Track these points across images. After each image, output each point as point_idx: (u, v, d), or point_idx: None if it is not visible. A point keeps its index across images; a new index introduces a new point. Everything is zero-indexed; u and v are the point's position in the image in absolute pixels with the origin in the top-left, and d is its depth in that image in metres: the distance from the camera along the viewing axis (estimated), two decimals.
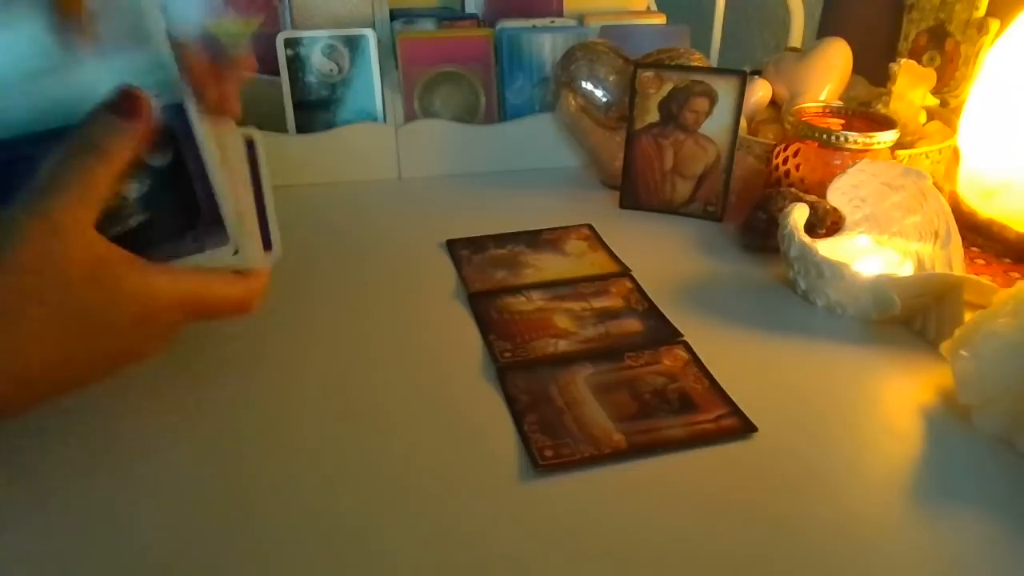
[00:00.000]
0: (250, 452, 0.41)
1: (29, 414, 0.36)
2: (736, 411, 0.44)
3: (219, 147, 0.39)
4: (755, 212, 0.61)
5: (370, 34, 0.76)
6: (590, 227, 0.67)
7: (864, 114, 0.66)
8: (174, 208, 0.38)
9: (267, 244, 0.43)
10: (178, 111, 0.37)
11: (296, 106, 0.77)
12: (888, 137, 0.61)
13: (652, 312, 0.54)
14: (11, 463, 0.40)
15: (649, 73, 0.68)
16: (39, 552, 0.35)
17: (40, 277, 0.33)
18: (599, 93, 0.73)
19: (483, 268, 0.60)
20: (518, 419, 0.43)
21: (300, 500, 0.38)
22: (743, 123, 0.72)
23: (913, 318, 0.52)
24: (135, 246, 0.36)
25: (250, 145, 0.44)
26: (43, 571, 0.34)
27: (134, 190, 0.37)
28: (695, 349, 0.49)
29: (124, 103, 0.35)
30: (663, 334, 0.51)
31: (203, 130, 0.37)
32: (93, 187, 0.34)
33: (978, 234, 0.62)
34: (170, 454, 0.41)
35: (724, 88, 0.66)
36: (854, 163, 0.58)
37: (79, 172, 0.34)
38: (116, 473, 0.39)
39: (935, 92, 0.74)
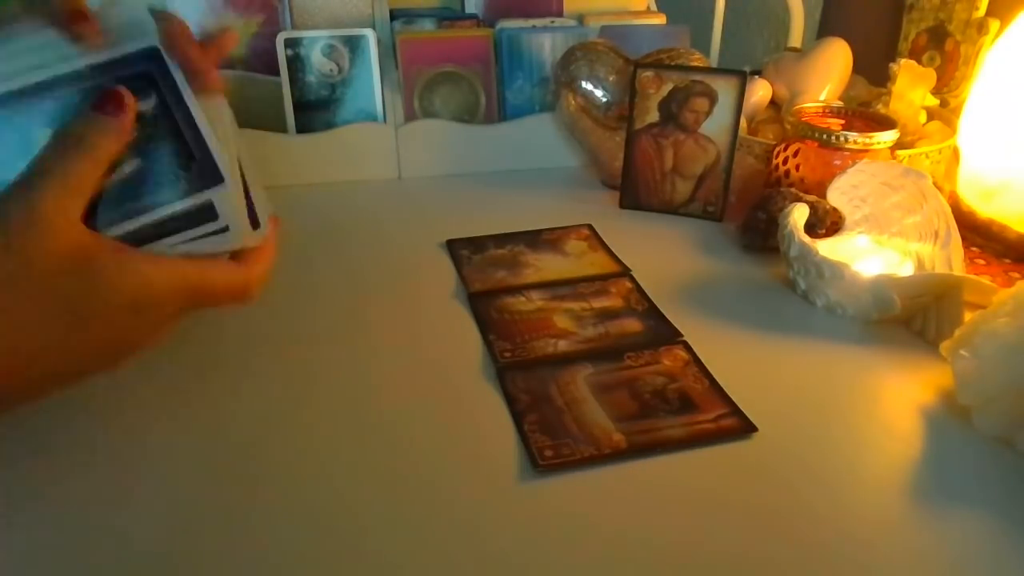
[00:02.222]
0: (249, 452, 0.41)
1: (28, 406, 0.36)
2: (736, 411, 0.44)
3: (208, 120, 0.39)
4: (755, 212, 0.61)
5: (370, 34, 0.76)
6: (590, 227, 0.67)
7: (864, 114, 0.66)
8: (166, 152, 0.38)
9: (254, 222, 0.42)
10: (153, 56, 0.38)
11: (296, 106, 0.77)
12: (888, 137, 0.61)
13: (652, 312, 0.54)
14: (7, 455, 0.40)
15: (649, 73, 0.68)
16: (34, 545, 0.35)
17: (18, 265, 0.33)
18: (599, 93, 0.73)
19: (483, 268, 0.60)
20: (518, 419, 0.43)
21: (299, 499, 0.38)
22: (743, 123, 0.72)
23: (913, 318, 0.52)
24: (132, 192, 0.36)
25: None
26: (39, 565, 0.34)
27: None
28: (695, 349, 0.49)
29: (106, 100, 0.36)
30: (663, 334, 0.51)
31: (182, 76, 0.38)
32: (77, 178, 0.35)
33: (978, 234, 0.62)
34: (170, 458, 0.41)
35: (724, 88, 0.66)
36: (854, 163, 0.58)
37: (63, 163, 0.34)
38: (114, 466, 0.39)
39: (935, 92, 0.74)
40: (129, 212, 0.37)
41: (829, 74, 0.75)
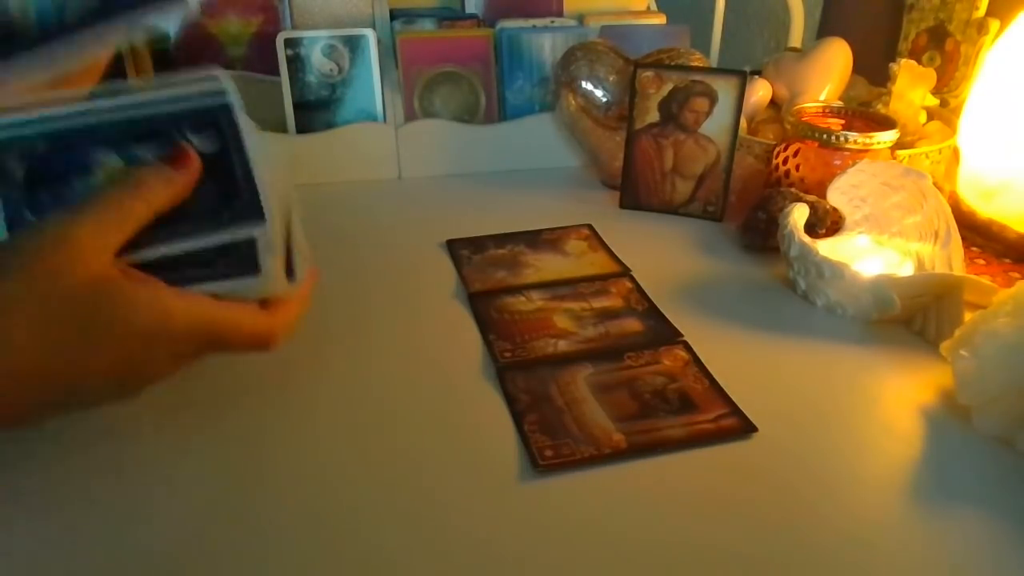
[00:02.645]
0: (247, 449, 0.41)
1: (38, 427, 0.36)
2: (736, 411, 0.44)
3: (261, 162, 0.39)
4: (755, 212, 0.61)
5: (370, 34, 0.76)
6: (590, 227, 0.67)
7: (864, 114, 0.66)
8: (213, 189, 0.38)
9: (289, 271, 0.42)
10: (226, 109, 0.39)
11: (296, 106, 0.77)
12: (888, 137, 0.61)
13: (652, 312, 0.54)
14: (20, 466, 0.40)
15: (649, 73, 0.68)
16: (44, 555, 0.35)
17: (44, 284, 0.33)
18: (599, 93, 0.73)
19: (483, 268, 0.60)
20: (518, 419, 0.43)
21: (298, 499, 0.38)
22: (743, 123, 0.72)
23: (913, 318, 0.52)
24: (170, 220, 0.37)
25: None
26: (40, 570, 0.34)
27: None
28: (695, 349, 0.49)
29: (177, 156, 0.37)
30: (663, 334, 0.51)
31: (248, 126, 0.39)
32: (124, 219, 0.35)
33: (978, 234, 0.62)
34: (169, 454, 0.41)
35: (724, 88, 0.66)
36: (854, 163, 0.58)
37: (115, 202, 0.35)
38: (124, 474, 0.39)
39: (935, 92, 0.74)
40: (163, 237, 0.37)
41: (829, 74, 0.75)
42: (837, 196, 0.58)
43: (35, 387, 0.34)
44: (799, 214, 0.55)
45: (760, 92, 0.76)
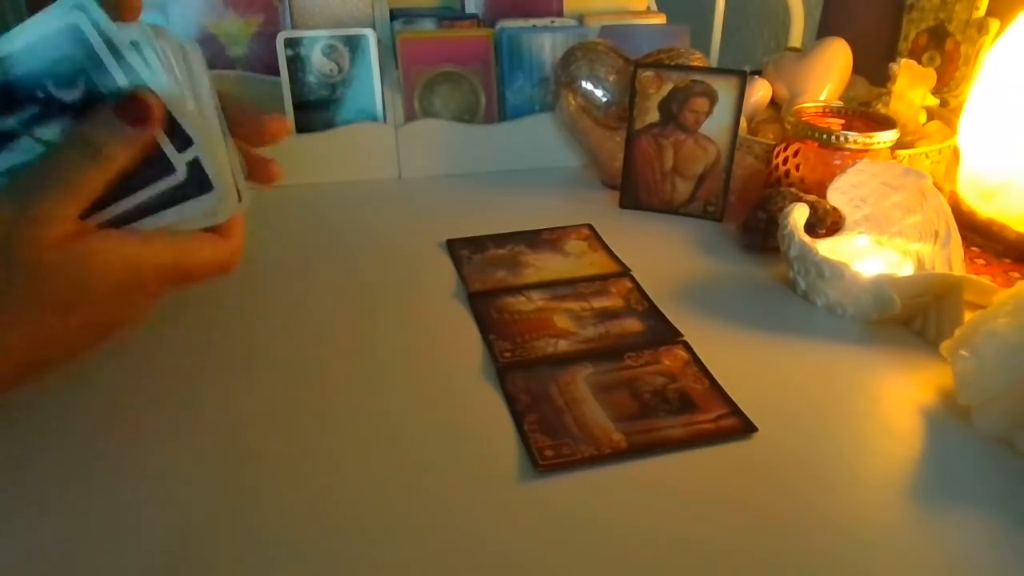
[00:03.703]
0: (248, 450, 0.41)
1: (22, 402, 0.36)
2: (736, 411, 0.44)
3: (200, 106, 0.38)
4: (755, 212, 0.61)
5: (370, 34, 0.76)
6: (590, 227, 0.67)
7: (864, 114, 0.66)
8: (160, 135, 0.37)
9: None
10: (87, 47, 0.35)
11: (296, 106, 0.77)
12: (888, 137, 0.61)
13: (652, 312, 0.54)
14: (8, 458, 0.40)
15: (649, 73, 0.68)
16: (37, 551, 0.35)
17: (9, 266, 0.33)
18: (599, 93, 0.73)
19: (483, 268, 0.60)
20: (518, 419, 0.43)
21: (298, 499, 0.38)
22: (743, 123, 0.72)
23: (913, 318, 0.52)
24: (123, 188, 0.36)
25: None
26: (40, 571, 0.34)
27: None
28: (695, 349, 0.49)
29: (133, 107, 0.34)
30: (663, 334, 0.51)
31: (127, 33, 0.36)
32: (82, 187, 0.34)
33: (978, 234, 0.62)
34: (171, 461, 0.41)
35: (724, 88, 0.66)
36: (854, 163, 0.58)
37: (70, 171, 0.34)
38: (116, 471, 0.39)
39: (935, 92, 0.74)
40: (110, 200, 0.36)
41: (829, 74, 0.75)
42: (837, 196, 0.58)
43: (10, 359, 0.34)
44: (799, 214, 0.55)
45: (760, 92, 0.76)
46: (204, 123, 0.38)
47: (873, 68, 0.77)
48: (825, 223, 0.58)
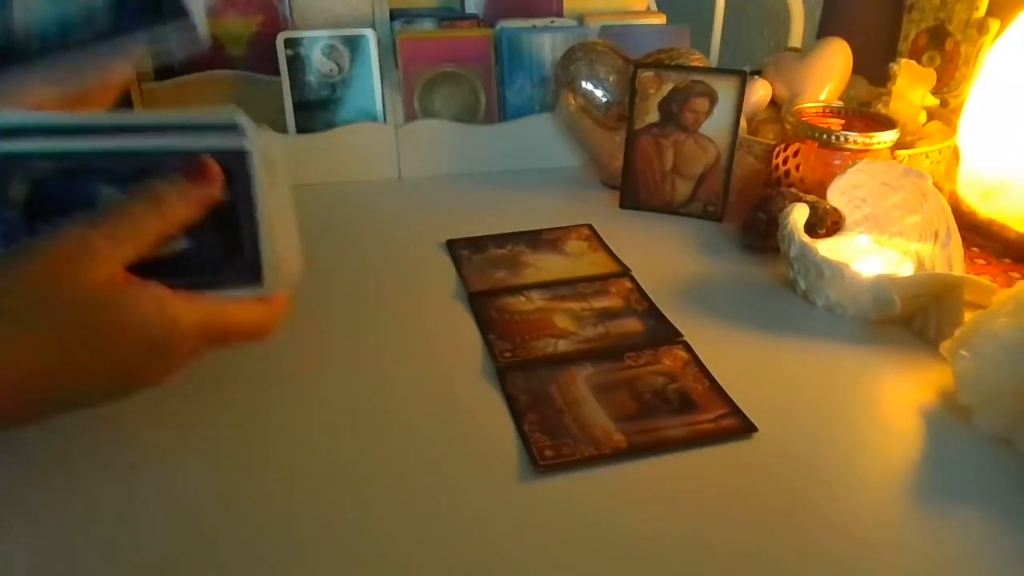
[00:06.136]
0: (248, 450, 0.41)
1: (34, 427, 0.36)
2: (736, 411, 0.44)
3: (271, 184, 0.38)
4: (755, 212, 0.61)
5: (370, 34, 0.76)
6: (590, 227, 0.67)
7: (864, 114, 0.66)
8: (218, 242, 0.38)
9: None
10: (239, 157, 0.37)
11: (296, 106, 0.77)
12: (888, 137, 0.61)
13: (652, 312, 0.54)
14: (14, 467, 0.40)
15: (649, 73, 0.68)
16: (37, 551, 0.35)
17: (52, 293, 0.33)
18: (599, 93, 0.73)
19: (483, 268, 0.60)
20: (518, 419, 0.43)
21: (298, 499, 0.38)
22: (743, 123, 0.72)
23: (913, 318, 0.52)
24: (173, 269, 0.36)
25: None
26: (40, 571, 0.34)
27: None
28: (695, 349, 0.49)
29: (198, 170, 0.36)
30: (663, 334, 0.51)
31: (261, 180, 0.37)
32: (138, 229, 0.35)
33: (978, 234, 0.62)
34: (172, 462, 0.41)
35: (724, 88, 0.66)
36: (854, 163, 0.58)
37: (133, 216, 0.35)
38: (118, 472, 0.39)
39: (935, 92, 0.74)
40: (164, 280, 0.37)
41: (829, 74, 0.75)
42: (837, 196, 0.58)
43: (33, 389, 0.34)
44: (799, 214, 0.55)
45: (760, 92, 0.76)
46: (279, 210, 0.39)
47: (873, 68, 0.77)
48: (825, 223, 0.58)
